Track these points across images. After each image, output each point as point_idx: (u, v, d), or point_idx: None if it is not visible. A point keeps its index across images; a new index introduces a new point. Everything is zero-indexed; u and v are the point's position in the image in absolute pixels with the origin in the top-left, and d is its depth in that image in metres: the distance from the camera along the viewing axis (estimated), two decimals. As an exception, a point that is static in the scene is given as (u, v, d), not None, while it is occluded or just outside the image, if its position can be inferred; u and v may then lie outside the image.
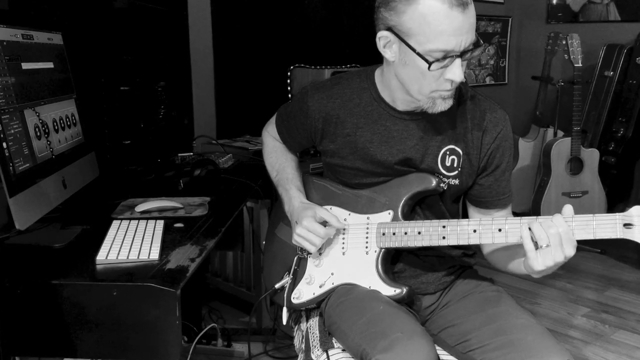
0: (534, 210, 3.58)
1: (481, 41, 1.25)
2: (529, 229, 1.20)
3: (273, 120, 1.67)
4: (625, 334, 2.63)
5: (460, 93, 1.41)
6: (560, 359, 1.21)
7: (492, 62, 4.45)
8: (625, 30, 3.88)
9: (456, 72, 1.23)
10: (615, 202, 3.75)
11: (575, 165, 3.52)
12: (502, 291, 1.45)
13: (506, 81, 4.59)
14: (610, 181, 3.68)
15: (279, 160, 1.63)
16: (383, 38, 1.29)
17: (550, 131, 3.83)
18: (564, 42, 3.53)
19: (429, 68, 1.22)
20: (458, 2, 1.17)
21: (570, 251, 1.18)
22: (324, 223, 1.42)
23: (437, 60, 1.22)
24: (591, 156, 3.54)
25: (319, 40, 3.26)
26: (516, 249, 1.35)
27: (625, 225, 1.17)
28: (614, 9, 4.00)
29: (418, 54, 1.22)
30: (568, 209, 1.20)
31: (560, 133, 3.75)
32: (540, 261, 1.20)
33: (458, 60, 1.22)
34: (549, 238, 1.17)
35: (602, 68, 3.83)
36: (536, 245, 1.20)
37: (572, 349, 2.49)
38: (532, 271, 1.24)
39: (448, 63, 1.23)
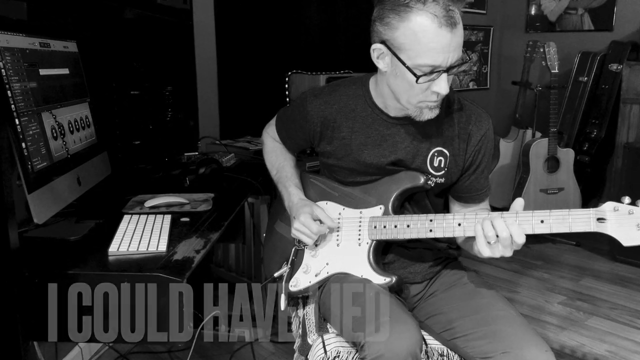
0: (514, 205, 3.57)
1: (467, 57, 1.26)
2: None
3: (273, 122, 1.68)
4: (598, 320, 2.65)
5: (449, 101, 1.41)
6: (539, 350, 1.22)
7: (475, 68, 4.45)
8: (598, 39, 3.90)
9: (442, 85, 1.24)
10: (589, 198, 3.76)
11: (552, 164, 3.53)
12: (485, 283, 1.46)
13: (488, 86, 4.59)
14: (584, 179, 3.69)
15: (278, 160, 1.63)
16: (377, 50, 1.29)
17: (529, 132, 3.83)
18: (541, 50, 3.54)
19: (416, 81, 1.23)
20: (447, 22, 1.18)
21: (519, 246, 1.23)
22: (320, 220, 1.42)
23: (425, 74, 1.22)
24: (567, 155, 3.54)
25: (314, 48, 3.25)
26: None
27: (598, 219, 1.18)
28: (588, 19, 4.01)
29: (407, 67, 1.23)
30: (519, 202, 1.26)
31: (538, 134, 3.76)
32: (488, 251, 1.25)
33: (444, 75, 1.23)
34: (500, 241, 1.22)
35: (577, 74, 3.83)
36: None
37: (549, 334, 2.51)
38: (481, 255, 1.27)
39: (435, 77, 1.23)
